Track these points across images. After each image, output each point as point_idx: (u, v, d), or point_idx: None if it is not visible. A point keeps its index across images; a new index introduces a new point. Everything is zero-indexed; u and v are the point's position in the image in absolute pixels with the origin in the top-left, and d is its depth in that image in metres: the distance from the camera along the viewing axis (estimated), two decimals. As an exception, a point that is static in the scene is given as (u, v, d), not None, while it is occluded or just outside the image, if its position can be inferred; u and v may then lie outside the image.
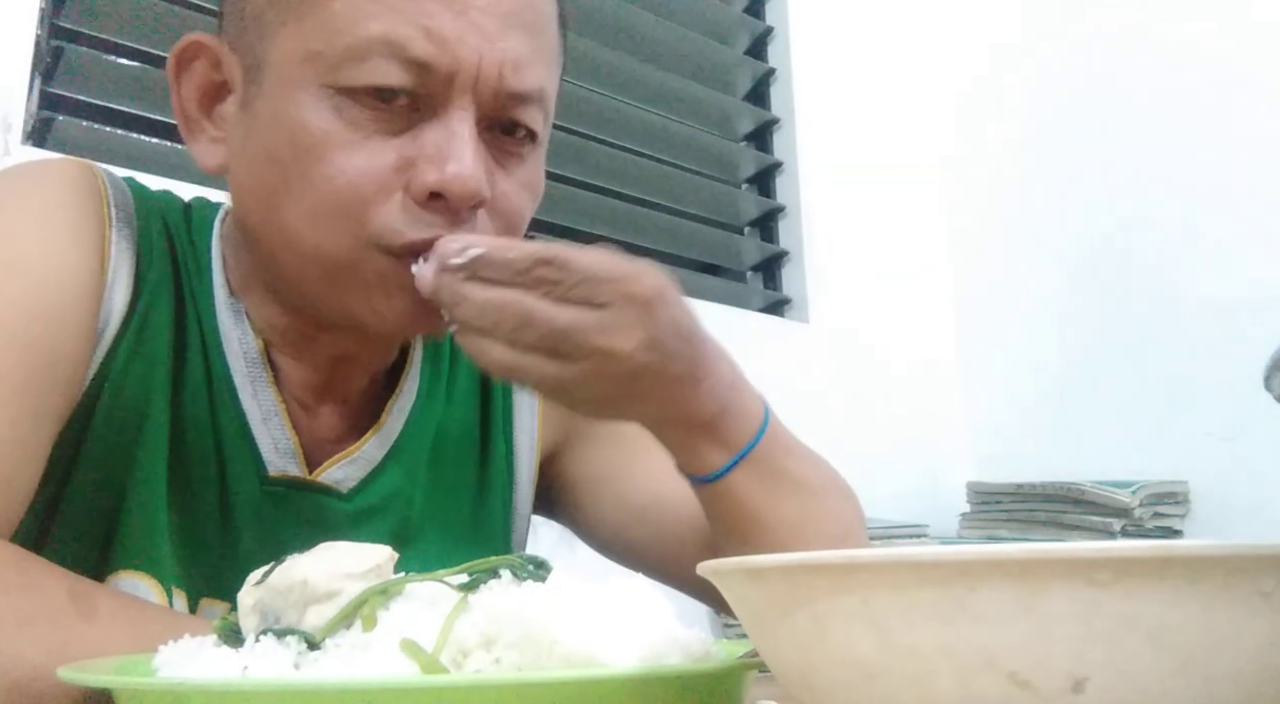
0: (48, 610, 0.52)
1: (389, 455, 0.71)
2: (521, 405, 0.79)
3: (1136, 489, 1.80)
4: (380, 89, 0.59)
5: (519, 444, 0.79)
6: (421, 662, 0.37)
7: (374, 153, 0.59)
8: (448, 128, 0.59)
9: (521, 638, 0.38)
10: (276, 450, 0.67)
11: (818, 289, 2.09)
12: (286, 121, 0.59)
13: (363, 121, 0.59)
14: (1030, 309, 2.18)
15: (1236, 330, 1.76)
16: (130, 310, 0.64)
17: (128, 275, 0.64)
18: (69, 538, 0.61)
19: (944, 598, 0.28)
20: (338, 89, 0.59)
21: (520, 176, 0.64)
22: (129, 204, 0.66)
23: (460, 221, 0.60)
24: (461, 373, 0.78)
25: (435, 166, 0.58)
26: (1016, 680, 0.27)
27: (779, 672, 0.34)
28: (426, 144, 0.59)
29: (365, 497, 0.70)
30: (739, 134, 2.23)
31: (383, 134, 0.59)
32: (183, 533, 0.64)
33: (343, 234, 0.59)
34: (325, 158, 0.59)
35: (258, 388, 0.67)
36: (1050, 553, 0.27)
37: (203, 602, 0.64)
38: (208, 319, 0.67)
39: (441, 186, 0.58)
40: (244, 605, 0.43)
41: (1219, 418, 1.82)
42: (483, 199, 0.60)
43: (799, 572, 0.31)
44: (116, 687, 0.37)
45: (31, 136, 1.30)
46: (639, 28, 2.05)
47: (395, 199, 0.59)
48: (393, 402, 0.72)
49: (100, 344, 0.63)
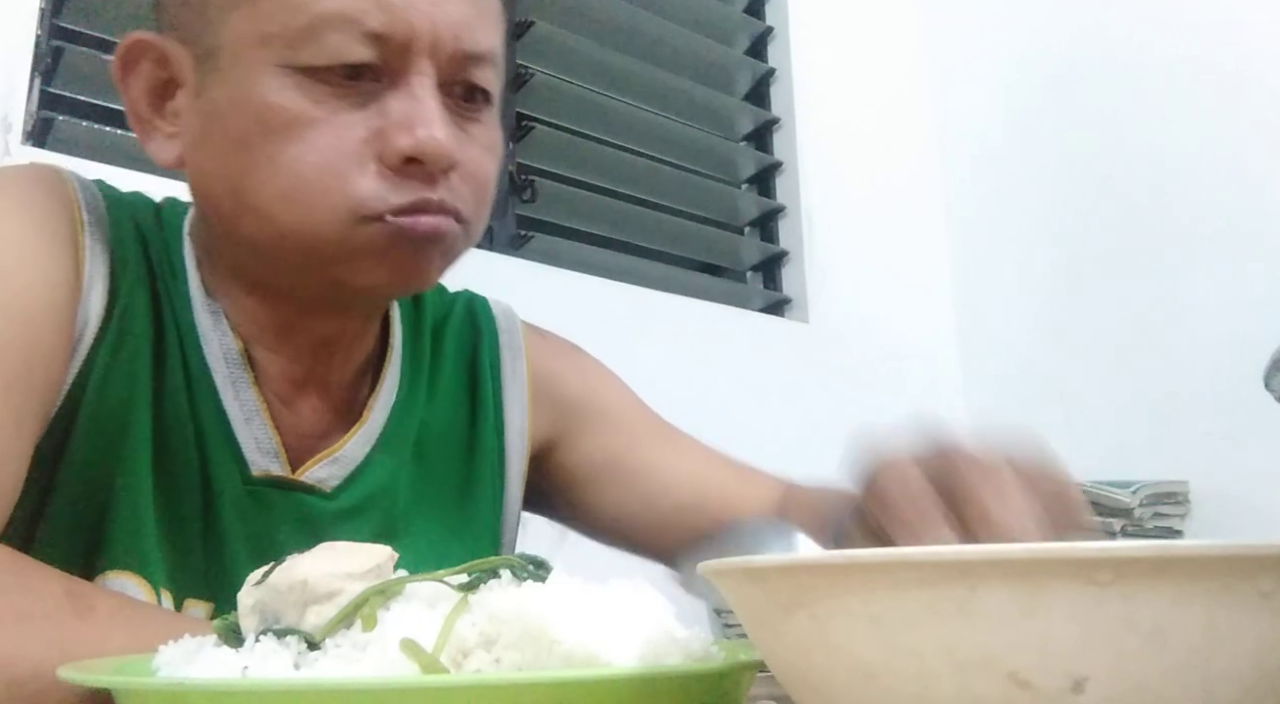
0: (45, 609, 0.52)
1: (373, 452, 0.71)
2: (512, 401, 0.79)
3: (1136, 489, 1.80)
4: (345, 66, 0.59)
5: (510, 441, 0.79)
6: (421, 662, 0.37)
7: (342, 127, 0.60)
8: (411, 94, 0.60)
9: (521, 638, 0.38)
10: (259, 450, 0.67)
11: (818, 289, 2.09)
12: (250, 105, 0.60)
13: (326, 98, 0.60)
14: (1030, 308, 2.18)
15: (1236, 330, 1.76)
16: (107, 315, 0.64)
17: (103, 279, 0.64)
18: (56, 541, 0.61)
19: (944, 598, 0.28)
20: (298, 69, 0.59)
21: (483, 140, 0.65)
22: (100, 207, 0.66)
23: (435, 184, 0.61)
24: (445, 368, 0.78)
25: (406, 132, 0.59)
26: (1016, 680, 0.27)
27: (779, 672, 0.34)
28: (393, 113, 0.60)
29: (349, 495, 0.70)
30: (739, 134, 2.23)
31: (348, 108, 0.60)
32: (168, 534, 0.64)
33: (323, 211, 0.59)
34: (294, 137, 0.59)
35: (239, 388, 0.67)
36: (1050, 553, 0.27)
37: (188, 602, 0.65)
38: (185, 322, 0.67)
39: (415, 150, 0.59)
40: (244, 605, 0.43)
41: (1219, 418, 1.82)
42: (455, 161, 0.61)
43: (799, 572, 0.31)
44: (116, 687, 0.37)
45: (31, 136, 1.30)
46: (639, 28, 2.05)
47: (370, 169, 0.60)
48: (374, 398, 0.72)
49: (79, 349, 0.63)
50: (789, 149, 2.18)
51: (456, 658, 0.38)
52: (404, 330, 0.77)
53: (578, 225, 1.91)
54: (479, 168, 0.64)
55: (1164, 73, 2.01)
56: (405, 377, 0.75)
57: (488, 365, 0.79)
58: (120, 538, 0.62)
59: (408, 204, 0.60)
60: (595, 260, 1.87)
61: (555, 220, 1.87)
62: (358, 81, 0.60)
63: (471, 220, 0.64)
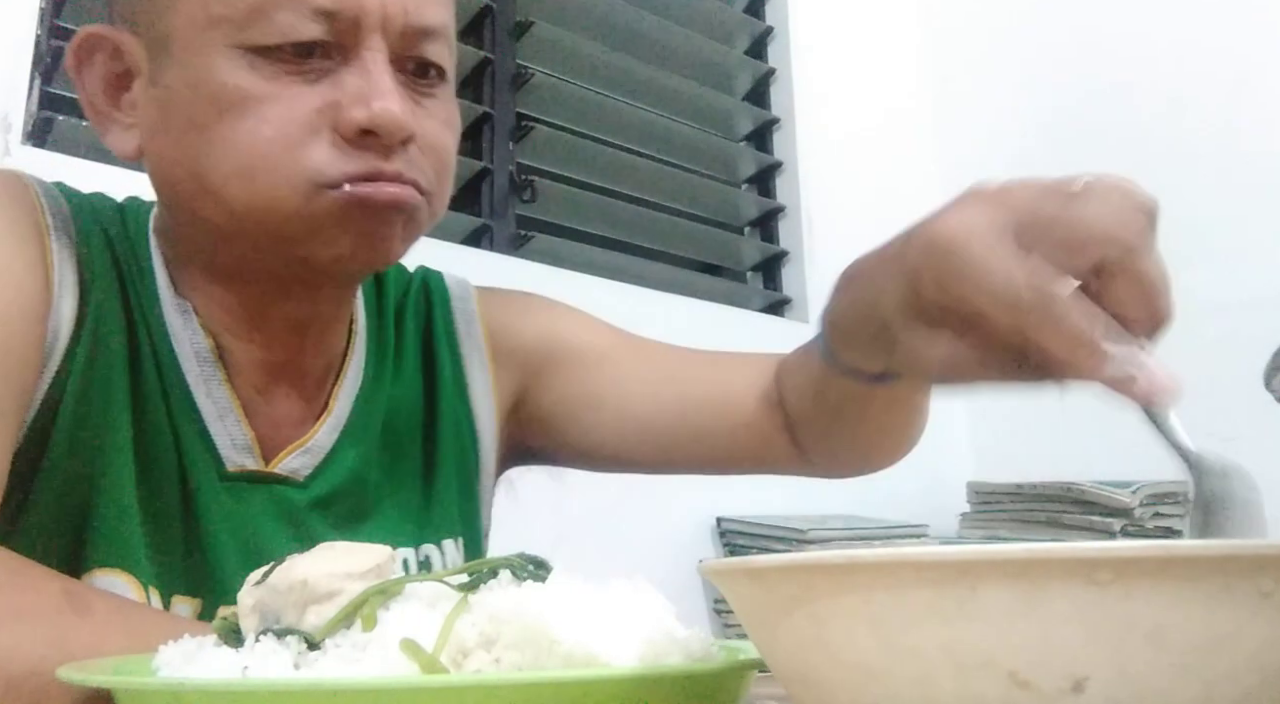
0: (42, 606, 0.52)
1: (340, 440, 0.72)
2: (473, 365, 0.80)
3: (1136, 489, 1.80)
4: (296, 44, 0.60)
5: (477, 408, 0.79)
6: (421, 662, 0.37)
7: (295, 100, 0.60)
8: (364, 69, 0.61)
9: (521, 638, 0.38)
10: (233, 446, 0.68)
11: (818, 289, 2.09)
12: (203, 87, 0.60)
13: (279, 75, 0.60)
14: (1030, 309, 2.18)
15: (1236, 330, 1.76)
16: (80, 318, 0.64)
17: (73, 283, 0.65)
18: (38, 543, 0.61)
19: (944, 598, 0.28)
20: (249, 48, 0.60)
21: (440, 114, 0.66)
22: (64, 210, 0.67)
23: (392, 156, 0.61)
24: (407, 349, 0.79)
25: (361, 105, 0.60)
26: (1016, 680, 0.27)
27: (779, 672, 0.34)
28: (348, 87, 0.60)
29: (321, 483, 0.71)
30: (739, 134, 2.23)
31: (301, 84, 0.60)
32: (152, 532, 0.65)
33: (281, 183, 0.60)
34: (248, 114, 0.60)
35: (211, 386, 0.68)
36: (1050, 553, 0.27)
37: (174, 599, 0.65)
38: (156, 323, 0.67)
39: (371, 122, 0.59)
40: (244, 605, 0.43)
41: (1219, 418, 1.82)
42: (411, 132, 0.61)
43: (799, 572, 0.31)
44: (117, 686, 0.38)
45: (31, 136, 1.30)
46: (639, 28, 2.05)
47: (324, 138, 0.60)
48: (338, 386, 0.73)
49: (53, 355, 0.63)
50: (789, 149, 2.18)
51: (456, 658, 0.38)
52: (368, 316, 0.78)
53: (578, 225, 1.91)
54: (437, 140, 0.65)
55: (1165, 73, 2.01)
56: (371, 362, 0.76)
57: (443, 335, 0.80)
58: (106, 537, 0.63)
59: (365, 171, 0.60)
60: (595, 260, 1.87)
61: (555, 220, 1.87)
62: (310, 59, 0.60)
63: (433, 193, 0.64)
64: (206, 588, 0.66)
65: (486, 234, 1.76)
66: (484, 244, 1.75)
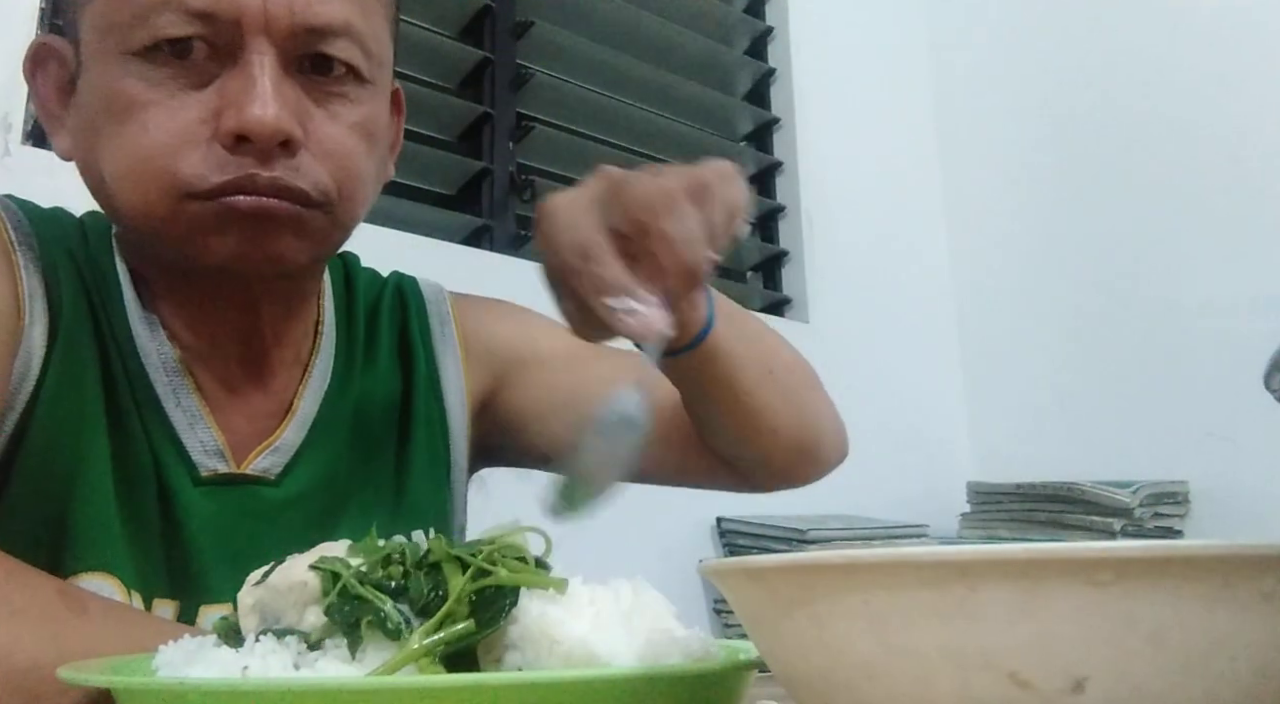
0: (39, 605, 0.52)
1: (308, 438, 0.73)
2: (446, 365, 0.81)
3: (1136, 489, 1.80)
4: (168, 42, 0.60)
5: (449, 403, 0.80)
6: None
7: (178, 107, 0.61)
8: (246, 72, 0.60)
9: (521, 638, 0.38)
10: (205, 452, 0.69)
11: (818, 289, 2.09)
12: (98, 93, 0.62)
13: (164, 80, 0.61)
14: (1030, 309, 2.18)
15: (1236, 330, 1.76)
16: (51, 333, 0.65)
17: (41, 297, 0.66)
18: (16, 548, 0.62)
19: (944, 598, 0.28)
20: (134, 53, 0.61)
21: (348, 117, 0.65)
22: (25, 226, 0.68)
23: (272, 161, 0.61)
24: (382, 347, 0.79)
25: (236, 110, 0.60)
26: (1016, 680, 0.27)
27: (779, 672, 0.34)
28: (229, 91, 0.61)
29: (293, 481, 0.71)
30: (739, 134, 2.23)
31: (187, 90, 0.61)
32: (132, 536, 0.66)
33: (155, 189, 0.61)
34: (133, 119, 0.61)
35: (180, 396, 0.69)
36: (1050, 553, 0.27)
37: (155, 602, 0.66)
38: (124, 335, 0.68)
39: (243, 128, 0.59)
40: (244, 605, 0.43)
41: (1219, 418, 1.82)
42: (291, 137, 0.61)
43: (799, 572, 0.31)
44: (117, 686, 0.37)
45: (31, 136, 1.30)
46: (639, 28, 2.05)
47: (202, 148, 0.60)
48: (303, 386, 0.74)
49: (27, 375, 0.64)
50: (789, 149, 2.18)
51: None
52: (336, 316, 0.78)
53: (578, 225, 1.91)
54: (336, 145, 0.64)
55: (1166, 73, 2.01)
56: (339, 361, 0.76)
57: (418, 335, 0.81)
58: (87, 545, 0.64)
59: (228, 181, 0.60)
60: (595, 260, 1.87)
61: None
62: (191, 61, 0.61)
63: (331, 200, 0.63)
64: (186, 591, 0.67)
65: (486, 234, 1.76)
66: (484, 244, 1.75)
